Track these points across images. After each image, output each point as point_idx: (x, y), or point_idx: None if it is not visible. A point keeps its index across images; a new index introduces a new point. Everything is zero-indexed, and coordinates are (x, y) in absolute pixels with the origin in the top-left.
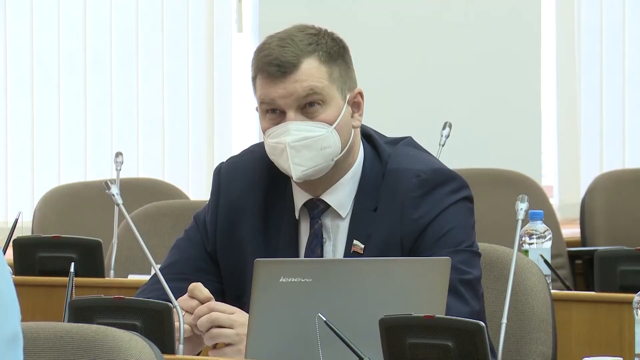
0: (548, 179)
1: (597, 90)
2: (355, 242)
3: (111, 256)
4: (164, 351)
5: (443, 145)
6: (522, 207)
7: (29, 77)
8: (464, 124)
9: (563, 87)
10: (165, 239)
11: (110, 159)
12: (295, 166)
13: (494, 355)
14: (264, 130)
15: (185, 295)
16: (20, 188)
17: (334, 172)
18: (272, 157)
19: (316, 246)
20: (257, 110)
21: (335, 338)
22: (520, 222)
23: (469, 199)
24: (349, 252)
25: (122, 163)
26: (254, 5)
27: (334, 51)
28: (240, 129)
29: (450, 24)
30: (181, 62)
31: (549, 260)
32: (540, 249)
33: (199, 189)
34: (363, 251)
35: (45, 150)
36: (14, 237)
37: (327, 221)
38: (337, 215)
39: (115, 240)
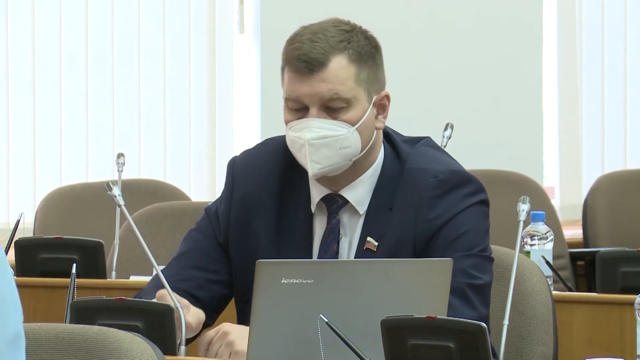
0: (550, 180)
1: (598, 90)
2: (369, 239)
3: (113, 257)
4: (165, 352)
5: (445, 147)
6: (523, 208)
7: (30, 78)
8: (465, 125)
9: (564, 87)
10: (167, 240)
11: (111, 160)
12: (313, 163)
13: (495, 356)
14: (286, 122)
15: None
16: (22, 189)
17: (355, 170)
18: (291, 150)
19: (333, 242)
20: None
21: (337, 339)
22: (521, 223)
23: (485, 203)
24: (361, 248)
25: (124, 164)
26: (256, 7)
27: (364, 51)
28: (242, 130)
29: (452, 25)
30: (183, 63)
31: (551, 262)
32: (542, 250)
33: (200, 190)
34: (376, 249)
35: (46, 152)
36: (15, 238)
37: (344, 217)
38: (355, 212)
39: (116, 241)
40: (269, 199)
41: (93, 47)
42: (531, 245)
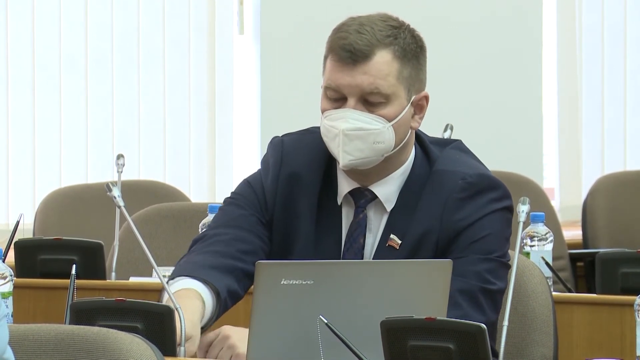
0: (549, 181)
1: (598, 91)
2: (392, 236)
3: (112, 258)
4: (165, 353)
5: None
6: (523, 209)
7: (30, 79)
8: (465, 126)
9: (564, 88)
10: (167, 241)
11: (111, 161)
12: (345, 154)
13: (496, 356)
14: (322, 111)
15: None
16: (22, 190)
17: (386, 166)
18: (324, 139)
19: (359, 236)
20: (322, 87)
21: (337, 340)
22: (521, 224)
23: (510, 210)
24: (383, 245)
25: (124, 165)
26: (255, 8)
27: (410, 49)
28: (242, 131)
29: (451, 25)
30: (182, 64)
31: (551, 263)
32: (542, 251)
33: (200, 191)
34: (399, 247)
35: (46, 152)
36: (15, 239)
37: (370, 213)
38: (382, 208)
39: (116, 242)
40: (314, 181)
41: (93, 48)
42: (531, 246)
